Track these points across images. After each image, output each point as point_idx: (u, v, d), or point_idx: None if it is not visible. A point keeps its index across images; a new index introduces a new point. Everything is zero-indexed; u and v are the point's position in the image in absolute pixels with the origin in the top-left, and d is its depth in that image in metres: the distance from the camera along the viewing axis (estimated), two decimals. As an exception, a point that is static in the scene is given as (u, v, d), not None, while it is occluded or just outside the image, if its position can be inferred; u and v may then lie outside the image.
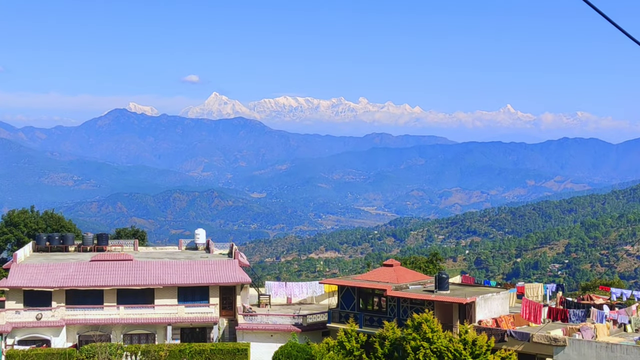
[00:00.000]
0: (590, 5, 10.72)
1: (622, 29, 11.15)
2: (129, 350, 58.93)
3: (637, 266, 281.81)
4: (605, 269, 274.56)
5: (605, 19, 10.72)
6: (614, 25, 11.00)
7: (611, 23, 10.84)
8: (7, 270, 67.03)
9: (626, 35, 11.27)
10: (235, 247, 73.56)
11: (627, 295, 67.26)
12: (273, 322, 63.58)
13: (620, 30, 11.19)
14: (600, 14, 10.86)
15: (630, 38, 11.32)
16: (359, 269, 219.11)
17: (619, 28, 10.97)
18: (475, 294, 57.32)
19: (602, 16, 10.98)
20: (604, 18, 10.94)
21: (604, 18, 10.92)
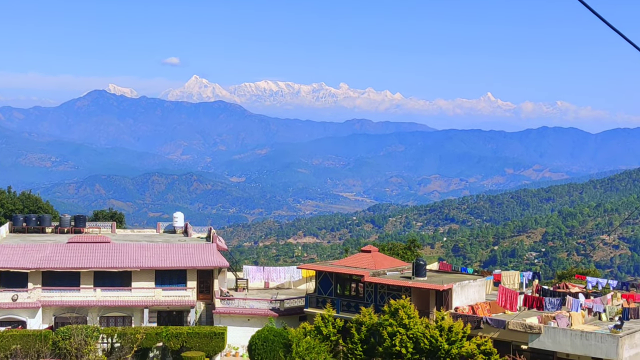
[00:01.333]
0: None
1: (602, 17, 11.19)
2: (105, 333, 58.81)
3: (612, 255, 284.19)
4: (582, 257, 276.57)
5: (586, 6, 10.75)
6: (595, 14, 11.02)
7: (592, 12, 10.88)
8: (-17, 251, 66.59)
9: (607, 24, 11.32)
10: (214, 231, 73.49)
11: (602, 284, 67.82)
12: (250, 307, 63.64)
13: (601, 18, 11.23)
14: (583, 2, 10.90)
15: (611, 27, 11.36)
16: (337, 254, 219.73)
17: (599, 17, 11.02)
18: (452, 281, 57.63)
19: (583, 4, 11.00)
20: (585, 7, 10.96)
21: (585, 6, 10.94)
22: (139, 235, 76.54)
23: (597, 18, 11.09)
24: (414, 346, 50.85)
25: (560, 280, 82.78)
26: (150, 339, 58.61)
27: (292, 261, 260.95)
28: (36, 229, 74.61)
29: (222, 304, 63.83)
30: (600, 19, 11.08)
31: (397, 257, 78.62)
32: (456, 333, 50.73)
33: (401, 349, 50.89)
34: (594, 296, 60.40)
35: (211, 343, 59.27)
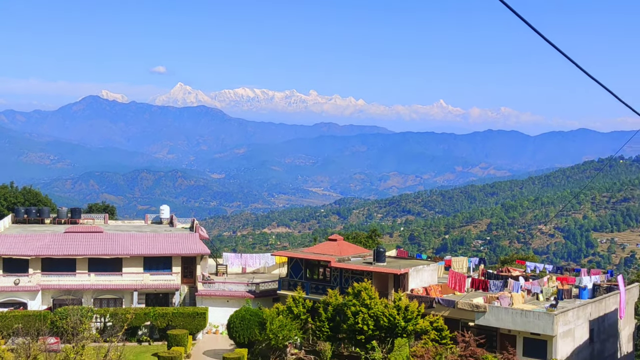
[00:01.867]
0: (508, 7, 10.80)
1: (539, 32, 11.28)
2: (99, 313, 58.54)
3: (548, 243, 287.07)
4: (522, 245, 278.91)
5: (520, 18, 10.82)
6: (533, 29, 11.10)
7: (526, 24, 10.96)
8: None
9: (544, 38, 11.40)
10: (196, 222, 73.26)
11: (539, 268, 68.48)
12: (229, 289, 63.54)
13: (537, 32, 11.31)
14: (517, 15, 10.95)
15: (547, 41, 11.42)
16: (307, 242, 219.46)
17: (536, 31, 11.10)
18: (408, 266, 57.86)
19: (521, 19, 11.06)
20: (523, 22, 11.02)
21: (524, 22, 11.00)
22: (129, 225, 76.06)
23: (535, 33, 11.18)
24: (375, 324, 51.02)
25: (503, 265, 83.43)
26: (139, 319, 58.36)
27: (267, 249, 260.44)
28: (36, 220, 73.93)
29: (203, 287, 63.66)
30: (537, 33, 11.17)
31: (360, 245, 78.81)
32: (412, 312, 50.95)
33: (363, 326, 51.04)
34: (532, 279, 60.95)
35: (194, 322, 59.13)
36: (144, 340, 59.00)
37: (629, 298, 60.45)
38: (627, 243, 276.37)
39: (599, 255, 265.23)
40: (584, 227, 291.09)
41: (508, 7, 10.44)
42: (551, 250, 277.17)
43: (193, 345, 57.79)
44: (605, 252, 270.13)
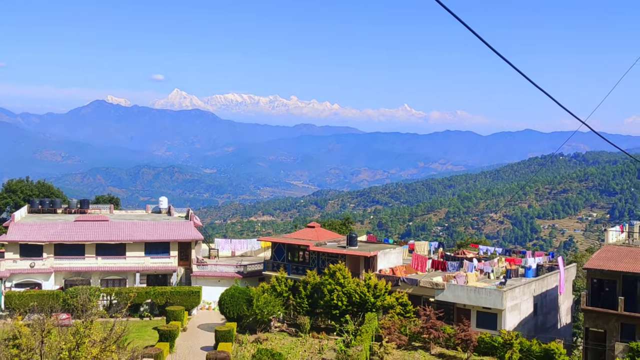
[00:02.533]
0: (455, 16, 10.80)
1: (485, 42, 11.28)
2: (105, 292, 58.17)
3: (499, 229, 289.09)
4: (475, 230, 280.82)
5: (467, 28, 10.83)
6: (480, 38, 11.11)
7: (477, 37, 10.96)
8: (6, 227, 65.57)
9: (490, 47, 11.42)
10: (191, 211, 72.93)
11: (490, 251, 68.92)
12: (220, 270, 63.39)
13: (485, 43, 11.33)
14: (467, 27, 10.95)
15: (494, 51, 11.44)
16: (288, 229, 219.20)
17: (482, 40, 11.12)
18: (377, 250, 58.04)
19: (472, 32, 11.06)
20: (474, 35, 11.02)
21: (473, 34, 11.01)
22: (132, 215, 75.54)
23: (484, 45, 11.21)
24: (348, 300, 51.14)
25: (459, 248, 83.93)
26: (141, 297, 58.09)
27: (253, 235, 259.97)
28: (49, 210, 73.21)
29: (198, 269, 63.44)
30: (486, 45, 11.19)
31: (335, 231, 78.90)
32: (380, 289, 51.14)
33: (338, 302, 51.15)
34: (484, 260, 61.40)
35: (189, 299, 58.93)
36: (145, 316, 58.71)
37: (568, 276, 61.12)
38: (566, 229, 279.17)
39: (542, 240, 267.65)
40: (529, 215, 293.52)
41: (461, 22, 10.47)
42: (501, 235, 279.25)
43: (189, 320, 57.63)
44: (547, 236, 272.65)
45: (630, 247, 52.15)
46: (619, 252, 51.11)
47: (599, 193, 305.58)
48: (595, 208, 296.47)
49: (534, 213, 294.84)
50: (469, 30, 10.86)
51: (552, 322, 57.83)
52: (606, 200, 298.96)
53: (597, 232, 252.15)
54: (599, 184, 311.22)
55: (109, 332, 29.78)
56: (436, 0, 10.08)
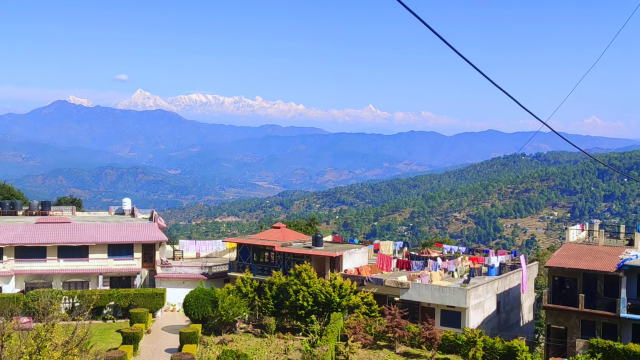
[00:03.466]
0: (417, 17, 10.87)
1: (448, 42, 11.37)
2: (67, 295, 57.26)
3: (462, 228, 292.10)
4: (439, 230, 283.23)
5: (426, 25, 10.91)
6: (440, 37, 11.19)
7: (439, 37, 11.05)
8: (-36, 230, 63.90)
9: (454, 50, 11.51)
10: (155, 212, 72.23)
11: (454, 250, 69.59)
12: (185, 272, 62.90)
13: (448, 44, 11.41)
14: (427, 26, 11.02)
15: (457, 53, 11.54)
16: (254, 230, 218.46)
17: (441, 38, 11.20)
18: (342, 250, 58.17)
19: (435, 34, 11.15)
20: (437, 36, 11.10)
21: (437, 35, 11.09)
22: (95, 216, 74.56)
23: (447, 46, 11.30)
24: (314, 300, 51.14)
25: (424, 247, 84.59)
26: (104, 299, 57.35)
27: (219, 236, 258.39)
28: (10, 212, 71.86)
29: (162, 270, 62.87)
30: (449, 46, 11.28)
31: (300, 231, 78.87)
32: (345, 289, 51.25)
33: (303, 302, 51.12)
34: (448, 259, 61.94)
35: (153, 301, 58.37)
36: (108, 319, 57.95)
37: (530, 275, 62.00)
38: (528, 227, 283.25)
39: (505, 238, 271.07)
40: (492, 214, 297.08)
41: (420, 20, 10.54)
42: (464, 234, 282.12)
43: (153, 322, 57.05)
44: (509, 235, 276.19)
45: (590, 245, 53.12)
46: (579, 250, 52.03)
47: (559, 192, 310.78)
48: (557, 207, 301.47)
49: (496, 212, 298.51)
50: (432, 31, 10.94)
51: (515, 320, 58.62)
52: (567, 199, 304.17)
53: (558, 230, 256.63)
54: (559, 184, 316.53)
55: (71, 335, 29.32)
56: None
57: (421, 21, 10.67)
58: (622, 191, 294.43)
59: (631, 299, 46.58)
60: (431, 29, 10.82)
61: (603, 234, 54.97)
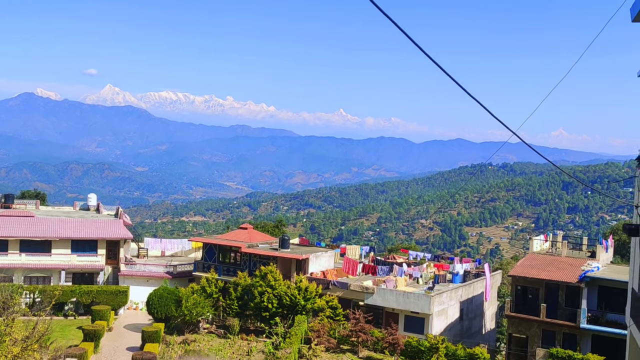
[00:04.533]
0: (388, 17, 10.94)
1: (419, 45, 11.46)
2: (28, 290, 56.35)
3: (428, 235, 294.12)
4: (406, 236, 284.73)
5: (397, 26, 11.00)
6: (415, 43, 11.28)
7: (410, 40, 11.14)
8: None
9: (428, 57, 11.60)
10: (121, 209, 71.47)
11: (420, 256, 70.07)
12: (149, 270, 62.36)
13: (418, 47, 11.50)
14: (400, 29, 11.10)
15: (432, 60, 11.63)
16: (220, 230, 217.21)
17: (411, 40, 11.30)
18: (309, 252, 58.21)
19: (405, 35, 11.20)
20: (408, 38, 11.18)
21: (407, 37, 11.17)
22: (59, 211, 73.48)
23: (417, 51, 11.41)
24: (278, 302, 51.08)
25: (390, 253, 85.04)
26: (66, 295, 56.58)
27: (184, 235, 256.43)
28: (-29, 204, 70.42)
29: (126, 268, 62.23)
30: (420, 49, 11.36)
31: (267, 233, 78.72)
32: (311, 292, 51.28)
33: (268, 304, 51.02)
34: (413, 266, 62.34)
35: (116, 299, 57.74)
36: (70, 315, 57.16)
37: (494, 283, 62.74)
38: (493, 236, 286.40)
39: (470, 246, 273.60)
40: (458, 222, 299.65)
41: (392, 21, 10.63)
42: (430, 241, 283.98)
43: (115, 320, 56.42)
44: (474, 243, 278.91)
45: (553, 256, 53.94)
46: (542, 260, 52.80)
47: (525, 203, 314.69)
48: (521, 217, 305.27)
49: (462, 220, 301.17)
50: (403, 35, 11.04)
51: (477, 328, 59.22)
52: (532, 210, 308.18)
53: (523, 240, 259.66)
54: (525, 194, 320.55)
55: (31, 330, 28.86)
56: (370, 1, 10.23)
57: (392, 21, 10.76)
58: (585, 204, 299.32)
59: (591, 310, 47.40)
60: (401, 30, 10.91)
61: (566, 245, 55.89)
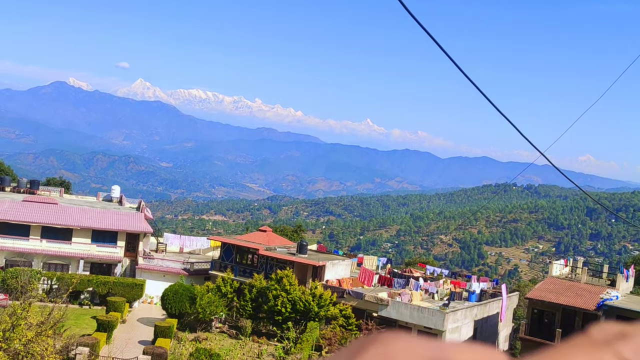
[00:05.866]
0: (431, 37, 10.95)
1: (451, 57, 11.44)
2: (47, 276, 57.01)
3: (447, 251, 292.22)
4: (424, 250, 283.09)
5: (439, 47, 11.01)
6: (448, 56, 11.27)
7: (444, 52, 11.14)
8: (-51, 200, 63.52)
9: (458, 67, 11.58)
10: (143, 203, 72.03)
11: (437, 272, 69.68)
12: (167, 266, 62.72)
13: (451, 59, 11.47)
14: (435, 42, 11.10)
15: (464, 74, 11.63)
16: (240, 231, 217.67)
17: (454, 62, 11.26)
18: (326, 260, 58.14)
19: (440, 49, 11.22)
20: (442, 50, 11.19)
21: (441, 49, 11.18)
22: (82, 200, 74.25)
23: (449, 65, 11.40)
24: (292, 307, 51.07)
25: (407, 266, 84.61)
26: (83, 284, 57.06)
27: (204, 233, 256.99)
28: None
29: (144, 262, 62.65)
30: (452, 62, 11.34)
31: (286, 237, 78.75)
32: (325, 300, 51.22)
33: (282, 308, 51.04)
34: (430, 281, 61.99)
35: (132, 291, 58.14)
36: (85, 304, 57.68)
37: (510, 304, 62.13)
38: (512, 257, 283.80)
39: (488, 266, 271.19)
40: (478, 240, 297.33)
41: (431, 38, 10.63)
42: (448, 257, 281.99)
43: (129, 312, 56.80)
44: (493, 263, 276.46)
45: (572, 282, 53.33)
46: (561, 285, 52.22)
47: (547, 226, 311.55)
48: (542, 240, 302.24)
49: (482, 239, 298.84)
50: (436, 48, 11.02)
51: (490, 348, 58.61)
52: (553, 233, 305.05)
53: (542, 264, 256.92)
54: (548, 217, 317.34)
55: (46, 316, 29.21)
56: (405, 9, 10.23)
57: (428, 34, 10.77)
58: (608, 231, 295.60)
59: (607, 339, 46.72)
60: (438, 43, 10.91)
61: (586, 272, 55.23)
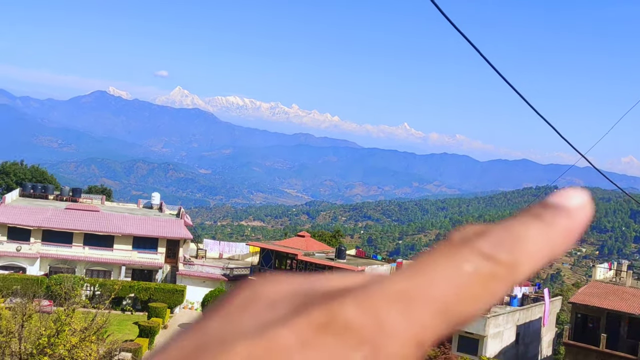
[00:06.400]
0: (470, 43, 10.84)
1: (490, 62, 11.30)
2: (89, 282, 57.97)
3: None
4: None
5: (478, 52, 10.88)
6: (487, 61, 11.15)
7: (483, 57, 11.01)
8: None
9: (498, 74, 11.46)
10: (183, 210, 72.81)
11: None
12: (206, 272, 63.23)
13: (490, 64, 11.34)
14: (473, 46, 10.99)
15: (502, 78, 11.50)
16: (278, 236, 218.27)
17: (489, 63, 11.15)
18: (365, 264, 58.00)
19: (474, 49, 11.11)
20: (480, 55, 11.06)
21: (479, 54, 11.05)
22: (123, 208, 75.37)
23: (489, 68, 11.26)
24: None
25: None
26: (125, 290, 57.82)
27: (242, 239, 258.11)
28: (41, 195, 72.89)
29: (184, 268, 63.27)
30: (492, 67, 11.22)
31: (324, 242, 78.76)
32: (364, 305, 51.03)
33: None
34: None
35: (173, 297, 58.74)
36: (127, 310, 58.47)
37: (552, 309, 61.13)
38: (555, 261, 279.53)
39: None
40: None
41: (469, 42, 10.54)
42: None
43: (170, 318, 57.38)
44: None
45: (616, 285, 52.27)
46: (605, 289, 51.22)
47: (590, 229, 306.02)
48: (585, 243, 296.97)
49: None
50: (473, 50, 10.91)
51: (533, 353, 57.80)
52: (597, 236, 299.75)
53: (585, 267, 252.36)
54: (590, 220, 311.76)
55: (90, 322, 29.68)
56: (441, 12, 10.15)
57: (464, 37, 10.67)
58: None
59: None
60: (474, 46, 10.80)
61: (631, 275, 54.10)
